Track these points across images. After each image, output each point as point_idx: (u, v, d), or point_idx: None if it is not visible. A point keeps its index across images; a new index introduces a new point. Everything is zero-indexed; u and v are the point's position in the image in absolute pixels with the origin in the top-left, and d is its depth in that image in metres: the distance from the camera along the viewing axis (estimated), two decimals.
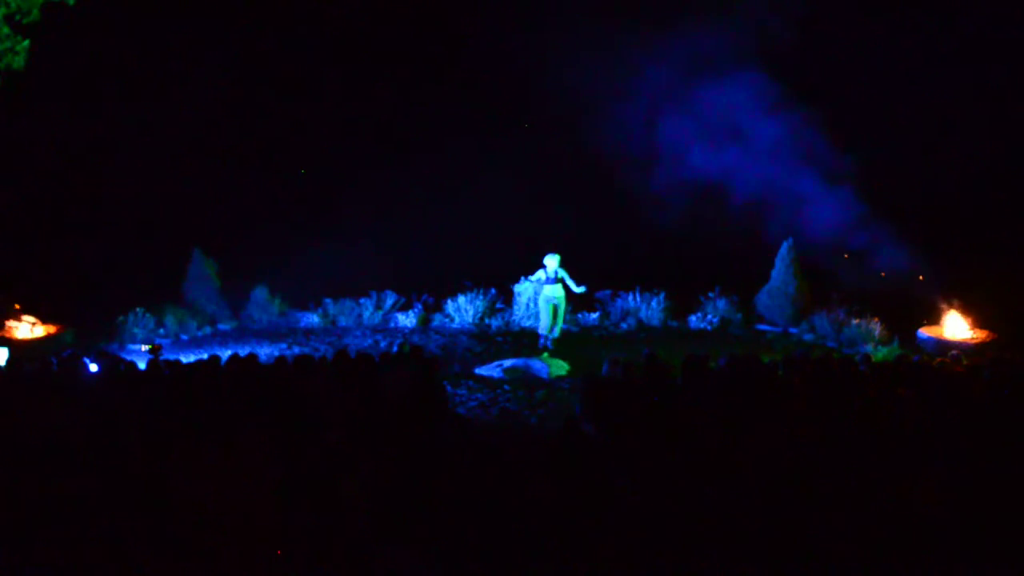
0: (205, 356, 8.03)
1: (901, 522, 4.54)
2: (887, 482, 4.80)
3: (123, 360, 8.11)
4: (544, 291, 11.28)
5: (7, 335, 11.52)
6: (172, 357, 9.20)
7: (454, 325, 13.61)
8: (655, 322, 13.60)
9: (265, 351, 11.96)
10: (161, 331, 12.90)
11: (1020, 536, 4.40)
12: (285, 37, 19.23)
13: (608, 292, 13.98)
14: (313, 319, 13.79)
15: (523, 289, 12.00)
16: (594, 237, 16.34)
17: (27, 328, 11.74)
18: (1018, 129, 15.35)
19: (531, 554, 4.59)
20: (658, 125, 14.78)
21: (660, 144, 14.78)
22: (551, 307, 11.38)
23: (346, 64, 19.59)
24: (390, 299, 14.05)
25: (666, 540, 4.54)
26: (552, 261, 11.17)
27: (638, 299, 13.77)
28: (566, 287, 11.25)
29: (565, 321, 13.49)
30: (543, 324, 11.46)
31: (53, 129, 16.63)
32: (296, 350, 12.08)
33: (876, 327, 12.14)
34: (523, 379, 10.33)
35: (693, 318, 13.53)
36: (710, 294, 13.67)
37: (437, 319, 13.78)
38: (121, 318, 12.69)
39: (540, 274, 11.24)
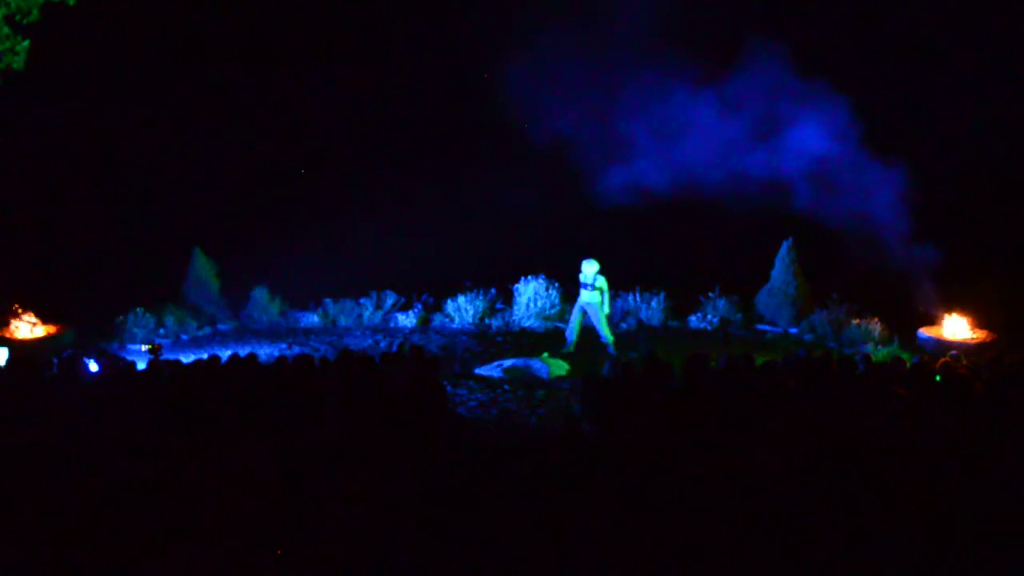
0: (205, 356, 8.03)
1: (900, 522, 4.54)
2: (887, 482, 4.80)
3: (123, 360, 8.11)
4: (582, 295, 11.19)
5: (7, 335, 11.51)
6: (172, 357, 9.19)
7: (454, 325, 13.61)
8: (655, 322, 13.60)
9: (265, 351, 11.96)
10: (161, 331, 12.89)
11: (1019, 536, 4.40)
12: (284, 37, 19.23)
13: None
14: (313, 319, 13.78)
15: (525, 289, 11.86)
16: (594, 237, 16.33)
17: (27, 328, 11.73)
18: (1019, 127, 15.37)
19: (531, 554, 4.59)
20: (656, 124, 14.78)
21: (659, 143, 14.78)
22: (580, 313, 11.33)
23: (347, 65, 19.61)
24: (390, 299, 14.04)
25: (666, 540, 4.54)
26: (589, 267, 11.09)
27: (638, 299, 13.77)
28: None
29: (564, 321, 13.49)
30: (569, 328, 11.45)
31: (53, 129, 16.63)
32: (296, 350, 12.08)
33: (876, 327, 12.15)
34: (523, 379, 10.33)
35: (693, 318, 13.53)
36: (710, 294, 13.67)
37: (437, 319, 13.77)
38: (121, 318, 12.68)
39: (581, 278, 11.15)
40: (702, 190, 14.18)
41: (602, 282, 11.10)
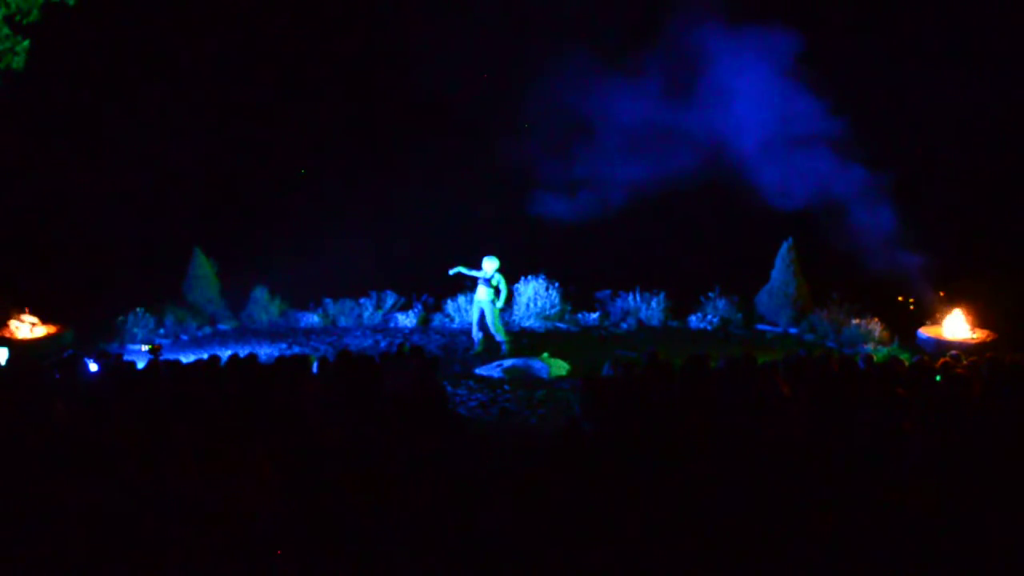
0: (205, 356, 8.03)
1: (900, 522, 4.55)
2: (887, 481, 4.81)
3: (123, 360, 8.11)
4: (478, 292, 11.35)
5: (7, 335, 11.51)
6: (172, 357, 9.20)
7: (454, 325, 13.60)
8: (655, 322, 13.61)
9: (265, 351, 11.96)
10: (161, 331, 12.90)
11: (1017, 536, 4.40)
12: (284, 37, 19.23)
13: (608, 292, 13.99)
14: (313, 319, 13.78)
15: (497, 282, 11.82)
16: (594, 237, 16.35)
17: (27, 328, 11.74)
18: (1019, 126, 15.36)
19: (532, 554, 4.59)
20: (654, 122, 14.80)
21: (658, 142, 14.79)
22: (477, 309, 11.47)
23: (345, 64, 19.61)
24: (390, 299, 14.05)
25: (666, 540, 4.54)
26: (489, 264, 11.17)
27: (638, 299, 13.78)
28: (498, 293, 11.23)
29: (564, 321, 13.53)
30: (474, 329, 11.64)
31: (53, 129, 16.63)
32: (296, 350, 12.08)
33: (876, 327, 12.15)
34: (523, 379, 10.33)
35: (693, 318, 13.53)
36: (710, 294, 13.67)
37: (437, 319, 13.77)
38: (121, 318, 12.68)
39: (480, 273, 11.26)
40: (700, 189, 14.21)
41: (499, 280, 11.18)
